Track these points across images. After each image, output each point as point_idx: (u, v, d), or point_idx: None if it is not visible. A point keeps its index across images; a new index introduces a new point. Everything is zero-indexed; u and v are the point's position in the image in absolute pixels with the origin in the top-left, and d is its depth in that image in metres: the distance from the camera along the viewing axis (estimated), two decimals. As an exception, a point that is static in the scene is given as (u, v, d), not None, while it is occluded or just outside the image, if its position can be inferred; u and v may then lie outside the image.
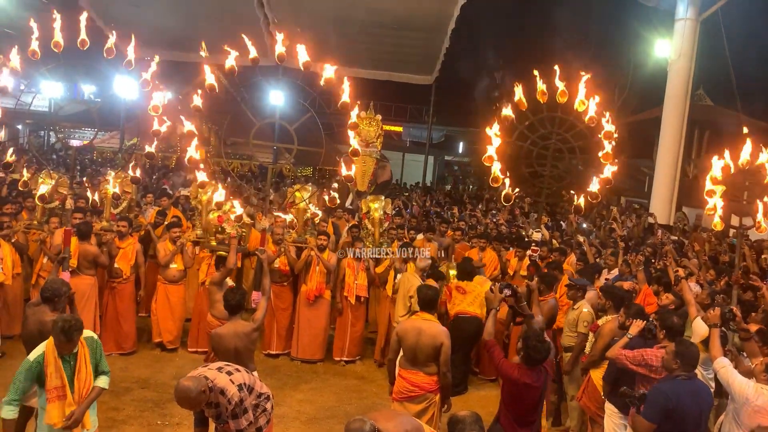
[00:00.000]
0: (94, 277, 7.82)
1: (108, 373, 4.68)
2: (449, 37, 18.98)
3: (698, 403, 4.41)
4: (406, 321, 5.87)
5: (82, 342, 4.39)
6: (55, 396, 4.36)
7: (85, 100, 23.94)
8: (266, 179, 10.62)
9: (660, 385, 4.51)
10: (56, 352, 4.34)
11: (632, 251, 9.92)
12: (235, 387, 4.25)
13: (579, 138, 6.21)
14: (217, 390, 4.19)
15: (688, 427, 4.35)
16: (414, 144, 34.54)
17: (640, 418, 4.40)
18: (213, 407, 4.26)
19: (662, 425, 4.32)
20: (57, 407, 4.39)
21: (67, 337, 4.32)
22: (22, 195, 9.49)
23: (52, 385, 4.34)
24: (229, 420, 4.28)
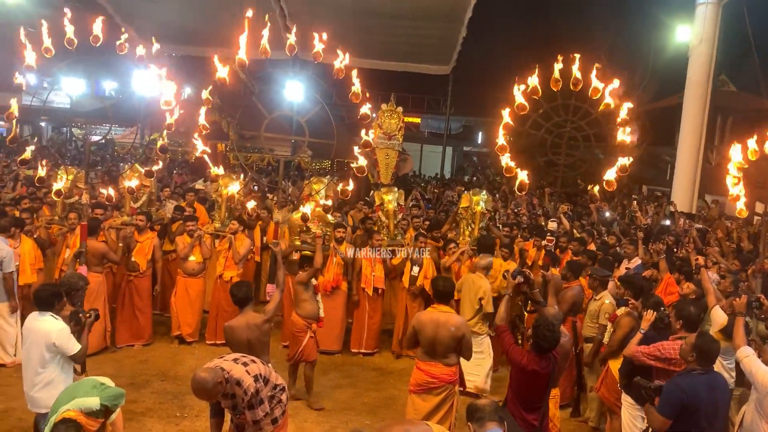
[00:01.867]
0: (102, 275, 7.89)
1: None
2: (466, 26, 18.82)
3: (715, 398, 4.33)
4: (422, 313, 5.84)
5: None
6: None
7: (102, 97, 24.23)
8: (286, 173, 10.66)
9: (676, 380, 4.44)
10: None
11: (654, 240, 9.78)
12: (251, 378, 4.27)
13: (594, 126, 6.12)
14: (233, 381, 4.21)
15: (703, 422, 4.28)
16: (432, 135, 34.38)
17: (654, 413, 4.35)
18: (229, 398, 4.29)
19: (677, 420, 4.26)
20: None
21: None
22: (42, 191, 9.64)
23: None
24: (246, 411, 4.31)
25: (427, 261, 8.50)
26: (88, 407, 3.78)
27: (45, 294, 4.82)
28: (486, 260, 7.42)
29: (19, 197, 9.51)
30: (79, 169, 9.44)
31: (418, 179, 23.23)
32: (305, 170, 20.43)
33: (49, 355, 4.70)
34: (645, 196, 18.65)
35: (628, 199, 16.72)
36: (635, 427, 5.43)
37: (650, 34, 20.74)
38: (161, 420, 6.31)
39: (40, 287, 5.04)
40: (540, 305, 5.50)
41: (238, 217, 8.70)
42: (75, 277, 5.40)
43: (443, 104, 29.09)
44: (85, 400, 3.87)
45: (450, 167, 30.95)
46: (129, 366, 7.62)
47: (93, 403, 3.84)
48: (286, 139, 16.26)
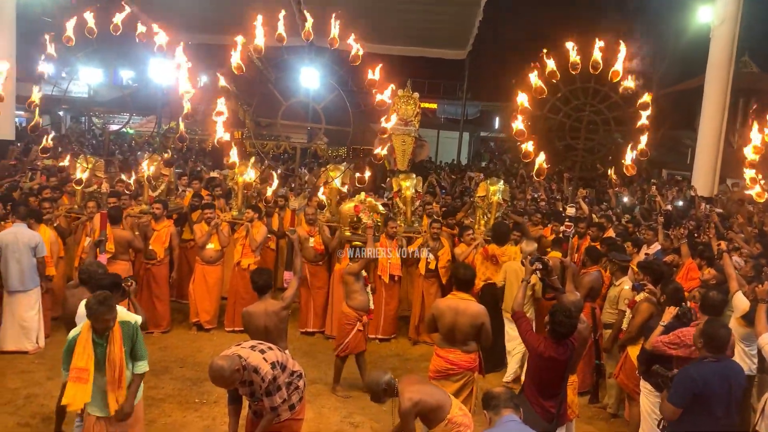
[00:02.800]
0: (129, 262, 7.99)
1: (145, 358, 4.68)
2: (482, 9, 18.62)
3: (729, 386, 4.23)
4: (441, 300, 5.87)
5: (116, 326, 4.41)
6: (75, 376, 4.32)
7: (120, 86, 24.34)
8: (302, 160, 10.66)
9: (687, 368, 4.37)
10: (90, 332, 4.37)
11: (674, 225, 9.67)
12: (268, 365, 4.30)
13: (614, 109, 6.02)
14: (250, 368, 4.24)
15: (717, 411, 4.20)
16: (449, 121, 34.13)
17: (665, 402, 4.30)
18: (247, 385, 4.32)
19: (689, 409, 4.19)
20: (74, 388, 4.33)
21: (90, 311, 4.30)
22: (61, 180, 9.74)
23: (75, 365, 4.32)
24: (263, 397, 4.34)
25: (444, 248, 8.48)
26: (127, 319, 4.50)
27: (104, 284, 4.94)
28: (531, 246, 7.26)
29: (40, 187, 9.62)
30: (98, 158, 9.52)
31: (434, 165, 23.09)
32: (321, 157, 20.45)
33: None
34: (665, 181, 18.41)
35: (648, 184, 16.52)
36: (654, 414, 5.38)
37: (670, 15, 20.37)
38: (180, 406, 6.38)
39: (102, 276, 5.18)
40: (558, 292, 5.47)
41: (254, 205, 8.73)
42: (94, 265, 5.46)
43: (459, 89, 28.91)
44: (129, 314, 4.74)
45: (467, 153, 30.73)
46: (148, 353, 7.69)
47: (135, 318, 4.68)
48: (302, 126, 16.23)
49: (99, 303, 4.30)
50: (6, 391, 6.44)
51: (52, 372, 6.81)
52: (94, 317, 4.30)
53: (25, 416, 5.99)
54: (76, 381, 4.32)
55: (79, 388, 4.32)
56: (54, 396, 5.95)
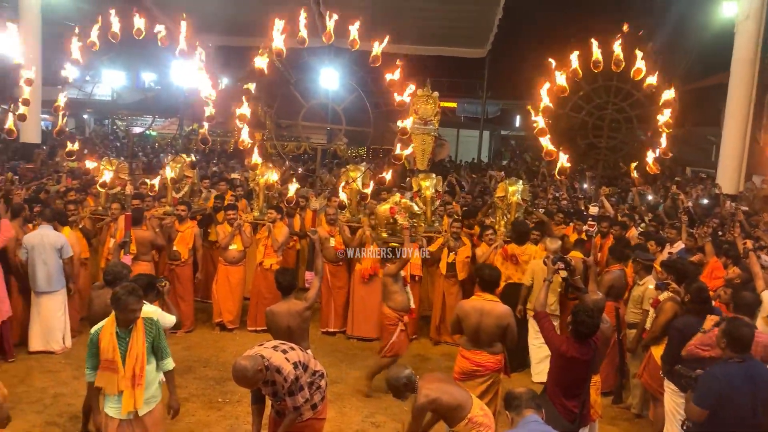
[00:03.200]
0: (151, 263, 8.09)
1: (170, 355, 4.74)
2: (502, 7, 18.54)
3: (754, 387, 4.11)
4: (466, 301, 5.85)
5: (139, 322, 4.47)
6: (106, 366, 4.39)
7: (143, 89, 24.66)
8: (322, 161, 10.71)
9: (712, 369, 4.29)
10: (114, 326, 4.42)
11: (699, 223, 9.54)
12: (290, 365, 4.33)
13: (637, 107, 5.96)
14: (273, 368, 4.28)
15: (743, 412, 4.10)
16: (469, 119, 33.98)
17: (691, 404, 4.24)
18: (269, 385, 4.35)
19: (715, 411, 4.12)
20: (106, 376, 4.41)
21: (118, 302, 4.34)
22: (86, 182, 9.88)
23: (103, 357, 4.40)
24: (286, 397, 4.37)
25: (464, 248, 8.45)
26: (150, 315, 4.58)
27: (141, 283, 4.98)
28: (556, 244, 7.25)
29: (66, 189, 9.78)
30: (121, 160, 9.64)
31: (454, 164, 23.02)
32: (341, 158, 20.52)
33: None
34: (689, 178, 18.17)
35: (671, 182, 16.31)
36: (679, 415, 5.32)
37: (694, 10, 20.07)
38: (204, 405, 6.44)
39: (137, 277, 5.27)
40: (581, 292, 5.44)
41: (276, 206, 8.79)
42: (119, 266, 5.55)
43: (480, 88, 28.77)
44: (164, 314, 4.98)
45: (487, 152, 30.60)
46: (172, 352, 7.75)
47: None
48: (322, 127, 16.32)
49: (127, 293, 4.36)
50: (34, 390, 6.56)
51: (78, 371, 6.91)
52: (122, 307, 4.34)
53: (53, 415, 6.10)
54: (107, 370, 4.40)
55: (110, 375, 4.39)
56: (81, 395, 6.04)
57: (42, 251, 7.26)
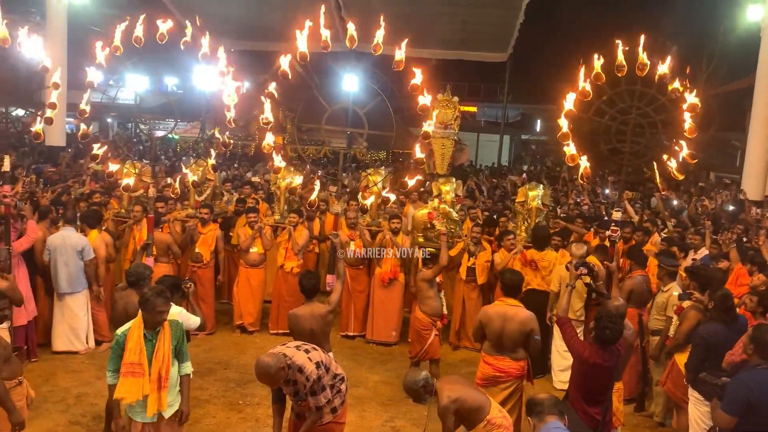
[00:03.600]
0: (169, 265, 8.14)
1: (189, 359, 4.75)
2: (523, 11, 18.48)
3: None
4: (489, 307, 5.82)
5: (166, 324, 4.51)
6: (128, 371, 4.36)
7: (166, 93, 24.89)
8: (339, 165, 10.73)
9: (741, 376, 4.24)
10: (141, 328, 4.44)
11: (723, 229, 9.41)
12: (312, 365, 4.35)
13: (661, 111, 5.90)
14: (295, 367, 4.29)
15: None
16: (489, 123, 33.94)
17: (720, 411, 4.18)
18: (291, 384, 4.36)
19: (744, 418, 4.06)
20: (128, 383, 4.38)
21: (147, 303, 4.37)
22: (109, 185, 10.01)
23: (128, 360, 4.37)
24: (308, 397, 4.37)
25: (488, 250, 8.42)
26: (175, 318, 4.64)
27: (166, 285, 5.05)
28: (582, 250, 7.15)
29: (90, 191, 9.91)
30: (144, 163, 9.76)
31: (473, 169, 22.96)
32: (360, 161, 20.56)
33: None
34: (713, 184, 17.94)
35: (695, 187, 16.11)
36: (703, 424, 5.25)
37: (718, 13, 19.83)
38: (224, 407, 6.48)
39: (162, 278, 5.29)
40: (604, 297, 5.38)
41: (298, 210, 8.82)
42: (141, 267, 5.62)
43: (500, 92, 28.70)
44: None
45: (508, 156, 30.48)
46: (193, 354, 7.73)
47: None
48: (343, 130, 16.37)
49: (156, 294, 4.41)
50: (58, 390, 6.65)
51: (102, 372, 6.93)
52: (150, 308, 4.38)
53: (77, 415, 6.17)
54: (130, 375, 4.37)
55: (134, 382, 4.37)
56: (104, 395, 6.10)
57: (63, 253, 7.35)
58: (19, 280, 6.76)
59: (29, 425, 5.05)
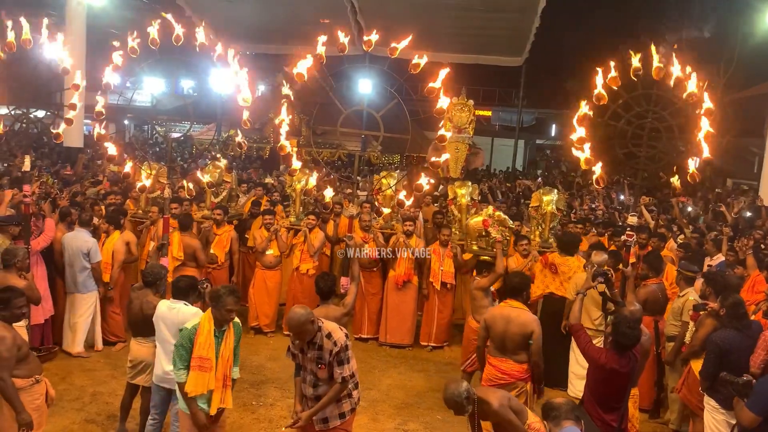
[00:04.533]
0: (197, 269, 8.07)
1: (238, 362, 4.85)
2: (539, 16, 18.45)
3: None
4: (494, 308, 5.81)
5: (230, 325, 4.59)
6: (197, 365, 4.43)
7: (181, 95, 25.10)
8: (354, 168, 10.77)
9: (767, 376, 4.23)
10: (212, 324, 4.51)
11: (740, 235, 9.33)
12: (342, 333, 4.45)
13: (677, 116, 5.86)
14: (324, 332, 4.37)
15: None
16: (503, 128, 33.87)
17: (745, 410, 4.15)
18: (315, 348, 4.40)
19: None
20: (199, 377, 4.44)
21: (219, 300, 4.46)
22: (126, 186, 10.11)
23: (198, 354, 4.44)
24: (335, 366, 4.39)
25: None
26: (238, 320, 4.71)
27: (183, 284, 5.16)
28: (601, 257, 6.90)
29: (105, 192, 10.01)
30: (161, 164, 9.84)
31: (488, 173, 22.92)
32: (374, 165, 20.59)
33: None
34: (730, 190, 17.77)
35: (712, 193, 15.98)
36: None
37: (736, 19, 19.68)
38: (237, 408, 6.49)
39: (179, 278, 5.32)
40: (618, 305, 5.33)
41: (315, 212, 8.84)
42: (157, 267, 5.67)
43: (515, 96, 28.64)
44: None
45: (522, 161, 30.39)
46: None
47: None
48: (357, 134, 16.45)
49: (228, 292, 4.51)
50: (74, 388, 6.71)
51: (116, 371, 7.07)
52: (221, 305, 4.47)
53: (92, 413, 6.23)
54: (200, 369, 4.45)
55: (202, 376, 4.45)
56: (118, 395, 6.18)
57: (70, 253, 7.44)
58: (37, 278, 6.84)
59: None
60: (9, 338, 4.37)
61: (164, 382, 5.13)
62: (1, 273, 5.85)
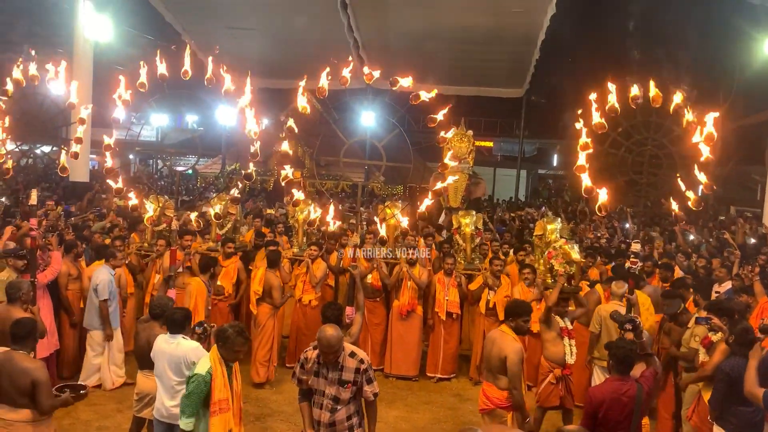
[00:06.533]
0: (270, 306, 8.03)
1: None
2: (539, 48, 18.70)
3: None
4: (492, 331, 5.80)
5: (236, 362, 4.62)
6: (218, 409, 4.38)
7: (188, 129, 25.38)
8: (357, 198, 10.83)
9: None
10: (222, 364, 4.48)
11: (745, 262, 9.31)
12: (363, 353, 4.54)
13: (677, 143, 5.91)
14: (347, 350, 4.45)
15: None
16: (505, 158, 34.07)
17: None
18: (338, 369, 4.44)
19: None
20: (221, 420, 4.39)
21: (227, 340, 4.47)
22: (132, 219, 10.17)
23: (218, 397, 4.38)
24: (365, 384, 4.47)
25: (504, 286, 8.37)
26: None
27: (179, 317, 5.11)
28: (622, 288, 6.87)
29: (111, 225, 10.06)
30: (167, 197, 9.91)
31: (491, 203, 22.97)
32: (378, 195, 20.67)
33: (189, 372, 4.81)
34: (733, 217, 17.76)
35: (714, 221, 15.96)
36: (731, 461, 5.12)
37: (735, 47, 19.87)
38: (243, 441, 6.44)
39: (174, 311, 5.27)
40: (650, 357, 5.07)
41: (317, 242, 8.86)
42: (165, 299, 5.68)
43: (516, 127, 28.87)
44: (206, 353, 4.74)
45: (525, 190, 30.51)
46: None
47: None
48: (360, 164, 16.56)
49: (237, 333, 4.51)
50: (79, 423, 6.68)
51: (121, 404, 7.04)
52: (229, 346, 4.48)
53: (96, 447, 6.19)
54: (221, 412, 4.40)
55: (223, 417, 4.42)
56: (124, 428, 6.13)
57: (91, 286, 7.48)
58: (43, 312, 6.83)
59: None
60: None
61: (164, 417, 5.07)
62: (6, 306, 5.86)
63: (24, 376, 4.44)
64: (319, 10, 17.56)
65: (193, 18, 19.74)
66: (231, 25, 19.28)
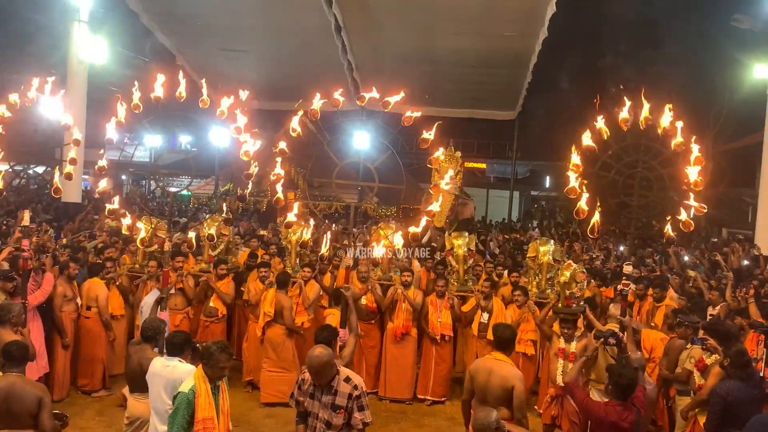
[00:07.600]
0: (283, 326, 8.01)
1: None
2: (531, 71, 18.91)
3: None
4: (479, 360, 5.69)
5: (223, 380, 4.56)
6: (203, 428, 4.31)
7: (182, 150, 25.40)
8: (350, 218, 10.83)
9: None
10: (207, 382, 4.42)
11: (739, 285, 9.33)
12: (360, 379, 4.44)
13: (667, 165, 5.96)
14: (342, 375, 4.37)
15: None
16: (498, 180, 34.25)
17: None
18: (331, 393, 4.37)
19: None
20: None
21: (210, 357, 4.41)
22: (125, 240, 10.12)
23: (202, 416, 4.32)
24: (356, 411, 4.37)
25: (498, 308, 8.35)
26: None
27: (178, 340, 5.05)
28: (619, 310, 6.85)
29: (103, 245, 10.00)
30: (159, 218, 9.87)
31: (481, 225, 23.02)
32: (371, 217, 20.69)
33: None
34: (725, 240, 17.85)
35: (706, 244, 16.04)
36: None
37: (725, 72, 20.15)
38: (235, 465, 6.36)
39: (174, 334, 5.22)
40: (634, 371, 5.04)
41: (310, 263, 8.83)
42: (157, 321, 5.63)
43: (509, 149, 29.09)
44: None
45: (518, 212, 30.62)
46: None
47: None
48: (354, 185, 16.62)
49: (220, 350, 4.46)
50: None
51: (110, 429, 6.94)
52: (213, 363, 4.42)
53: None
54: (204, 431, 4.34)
55: None
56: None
57: None
58: (33, 334, 6.78)
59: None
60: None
61: None
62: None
63: (31, 398, 4.47)
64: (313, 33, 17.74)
65: (188, 40, 19.90)
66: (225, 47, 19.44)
